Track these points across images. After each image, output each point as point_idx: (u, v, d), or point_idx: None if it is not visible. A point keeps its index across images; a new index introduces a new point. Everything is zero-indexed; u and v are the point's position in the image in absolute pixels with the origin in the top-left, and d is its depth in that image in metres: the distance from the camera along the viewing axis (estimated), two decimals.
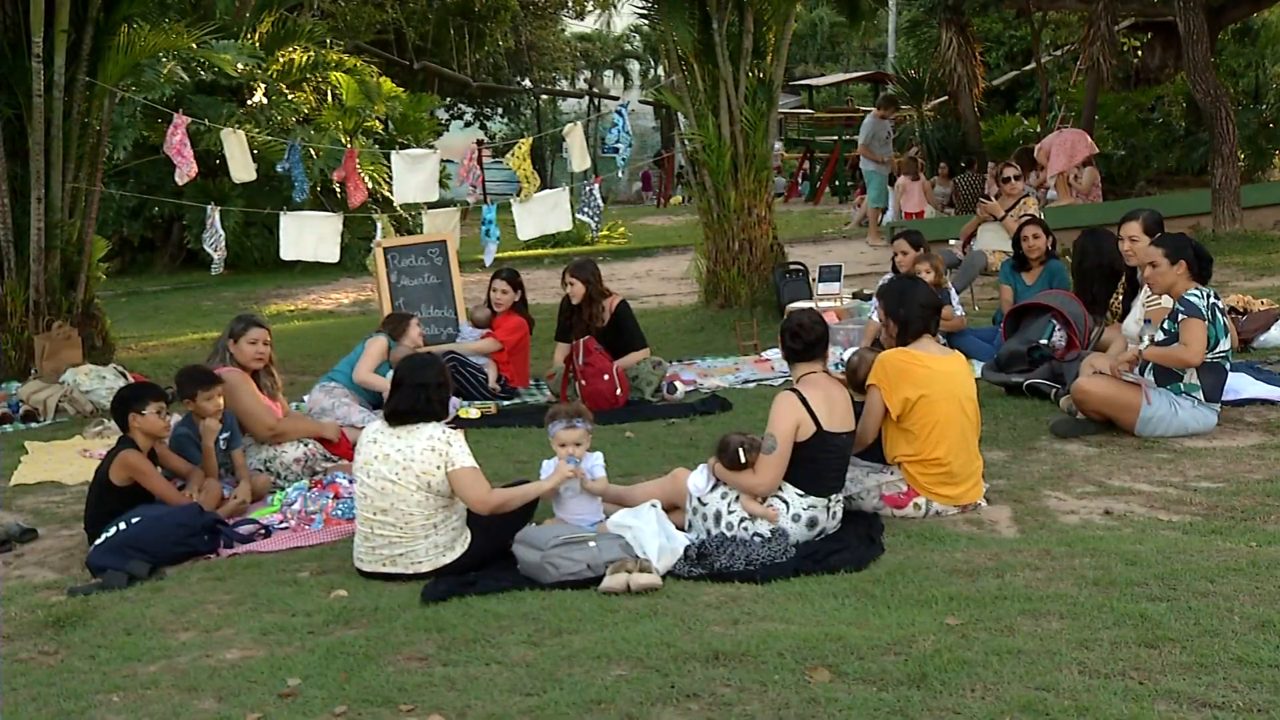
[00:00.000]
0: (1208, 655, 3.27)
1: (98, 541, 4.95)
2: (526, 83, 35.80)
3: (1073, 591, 3.84)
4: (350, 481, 5.22)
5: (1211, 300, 5.76)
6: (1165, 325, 5.81)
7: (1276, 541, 4.26)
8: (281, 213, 10.07)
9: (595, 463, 4.89)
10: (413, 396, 4.58)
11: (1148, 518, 4.72)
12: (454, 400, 7.28)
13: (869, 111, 18.16)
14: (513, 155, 10.53)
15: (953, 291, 8.30)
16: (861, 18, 17.97)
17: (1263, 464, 5.36)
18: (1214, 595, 3.72)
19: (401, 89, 21.08)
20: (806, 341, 4.82)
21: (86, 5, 9.18)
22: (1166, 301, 5.96)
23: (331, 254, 10.03)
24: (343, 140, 16.29)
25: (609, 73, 40.65)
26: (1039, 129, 14.81)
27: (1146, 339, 5.95)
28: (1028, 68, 20.35)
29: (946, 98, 19.26)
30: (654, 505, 4.61)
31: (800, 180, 25.53)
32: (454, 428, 4.76)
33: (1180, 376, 5.81)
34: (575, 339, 7.74)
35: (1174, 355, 5.74)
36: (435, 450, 4.50)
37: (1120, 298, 7.09)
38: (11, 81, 9.01)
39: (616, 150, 10.27)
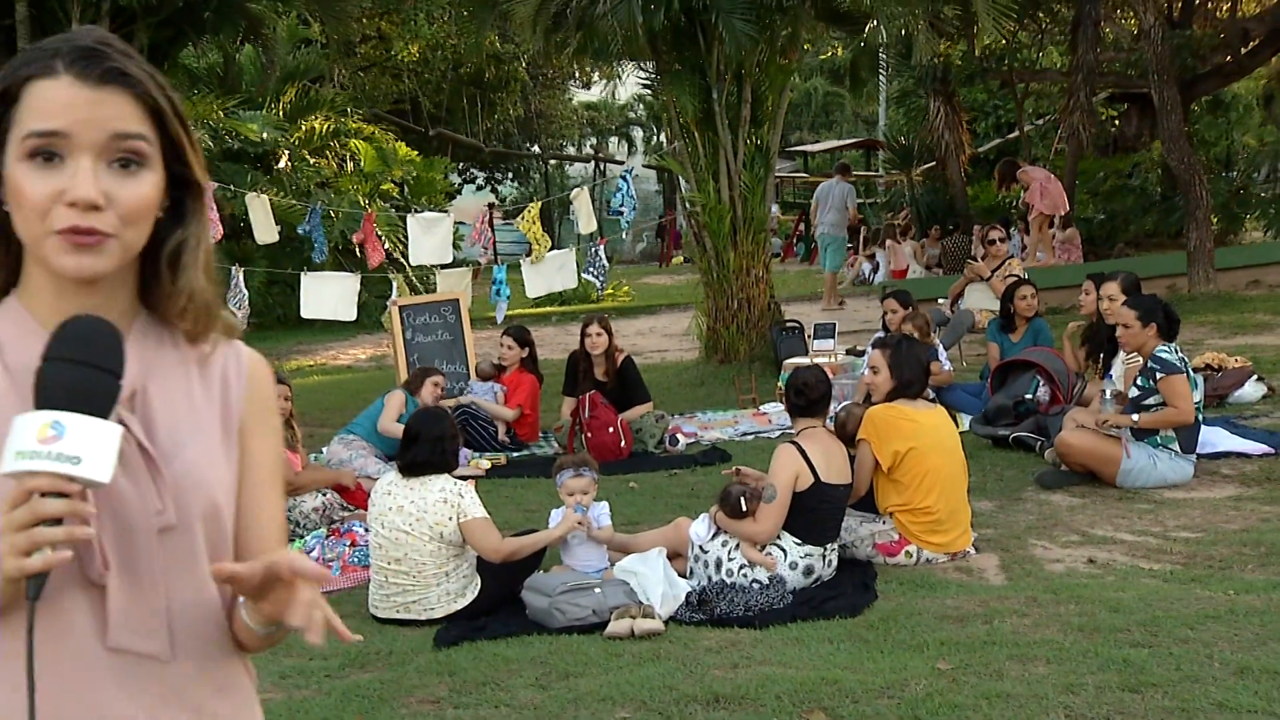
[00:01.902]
0: (1189, 700, 3.33)
1: None
2: (536, 148, 36.56)
3: (1058, 637, 3.91)
4: (366, 530, 5.35)
5: (1180, 354, 5.98)
6: (1139, 382, 5.99)
7: (1254, 590, 4.32)
8: (302, 273, 10.39)
9: (601, 511, 5.01)
10: (429, 449, 4.72)
11: (1129, 566, 4.81)
12: (465, 451, 7.47)
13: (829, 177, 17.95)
14: (523, 219, 10.80)
15: (940, 349, 8.50)
16: (863, 86, 18.31)
17: (1239, 515, 5.47)
18: (1194, 641, 3.78)
19: (417, 154, 21.67)
20: (810, 399, 5.01)
21: None
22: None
23: (349, 313, 10.34)
24: (361, 203, 16.68)
25: (614, 139, 41.41)
26: (1022, 192, 15.18)
27: (1109, 392, 6.12)
28: (1011, 135, 20.79)
29: (935, 164, 19.66)
30: (660, 552, 4.74)
31: (795, 241, 25.82)
32: (462, 479, 4.92)
33: (1157, 429, 5.99)
34: (582, 393, 7.96)
35: (1168, 419, 5.88)
36: (448, 502, 4.64)
37: (1101, 355, 7.31)
38: None
39: (621, 213, 10.53)
